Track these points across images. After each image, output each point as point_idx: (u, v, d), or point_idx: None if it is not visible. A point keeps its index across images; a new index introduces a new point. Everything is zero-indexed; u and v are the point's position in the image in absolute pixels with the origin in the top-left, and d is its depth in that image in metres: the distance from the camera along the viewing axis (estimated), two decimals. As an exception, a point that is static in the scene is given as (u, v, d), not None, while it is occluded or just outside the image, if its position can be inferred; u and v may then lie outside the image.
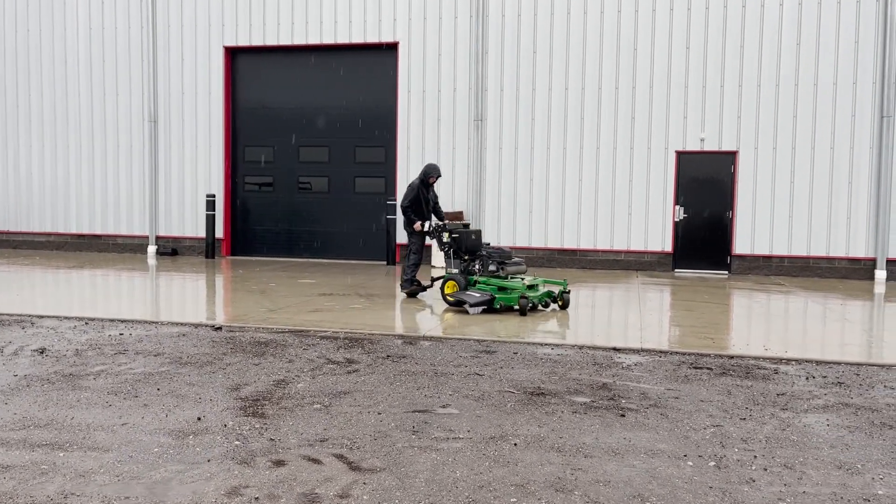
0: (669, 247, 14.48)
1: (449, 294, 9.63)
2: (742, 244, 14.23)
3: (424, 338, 7.58)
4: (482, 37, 14.98)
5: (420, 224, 10.36)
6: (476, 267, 9.82)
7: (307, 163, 16.38)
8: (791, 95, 13.88)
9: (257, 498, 3.60)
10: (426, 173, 10.47)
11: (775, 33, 13.89)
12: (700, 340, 7.64)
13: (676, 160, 14.40)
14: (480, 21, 14.96)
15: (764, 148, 14.03)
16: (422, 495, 3.65)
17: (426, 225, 10.38)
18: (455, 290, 9.62)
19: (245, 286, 11.59)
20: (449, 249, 10.07)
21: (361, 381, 5.79)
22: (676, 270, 14.52)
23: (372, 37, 15.52)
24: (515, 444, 4.40)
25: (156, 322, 8.23)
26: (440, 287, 9.90)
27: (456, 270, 9.99)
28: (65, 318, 8.36)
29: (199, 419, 4.79)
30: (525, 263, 10.09)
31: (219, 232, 16.40)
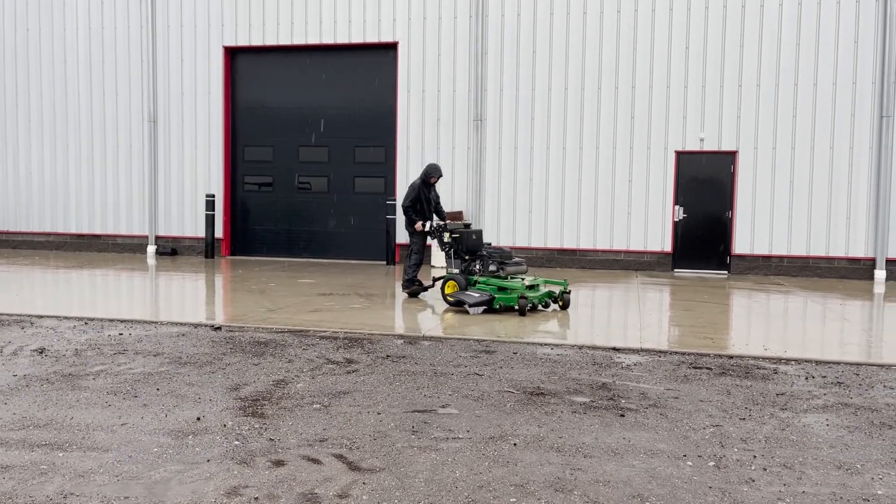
0: (669, 247, 14.49)
1: (449, 294, 9.63)
2: (741, 244, 14.24)
3: (424, 338, 7.58)
4: (482, 37, 14.98)
5: (421, 224, 10.36)
6: (476, 267, 9.82)
7: (307, 163, 16.38)
8: (790, 95, 13.88)
9: (257, 498, 3.60)
10: (427, 173, 10.47)
11: (775, 33, 13.90)
12: (699, 340, 7.65)
13: (676, 160, 14.40)
14: (480, 21, 14.96)
15: (763, 148, 14.04)
16: (421, 495, 3.65)
17: (427, 225, 10.38)
18: (455, 290, 9.61)
19: (244, 286, 11.59)
20: (449, 249, 10.06)
21: (361, 381, 5.79)
22: (676, 270, 14.52)
23: (371, 37, 15.52)
24: (515, 444, 4.40)
25: (155, 322, 8.23)
26: (440, 287, 9.90)
27: (456, 270, 9.98)
28: (64, 318, 8.36)
29: (199, 419, 4.79)
30: (525, 263, 10.09)
31: (218, 232, 16.40)
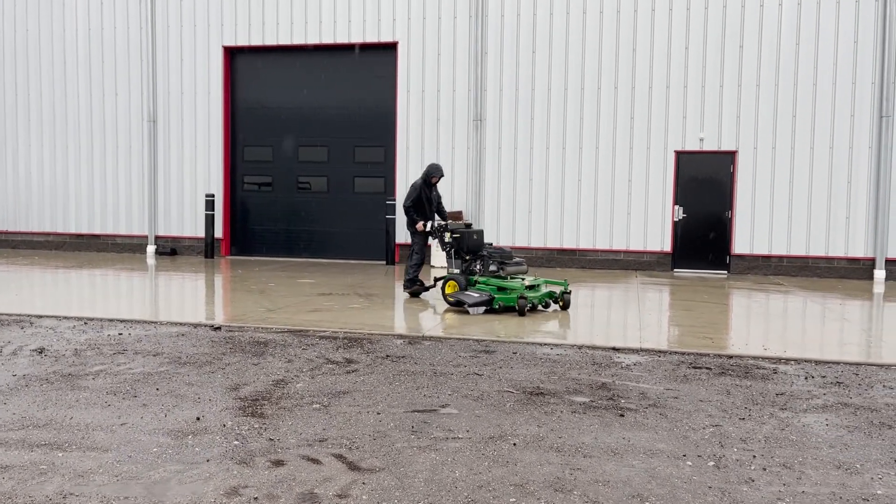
0: (668, 246, 14.49)
1: (449, 294, 9.63)
2: (741, 244, 14.24)
3: (424, 337, 7.58)
4: (481, 37, 14.98)
5: (422, 224, 10.36)
6: (477, 267, 9.82)
7: (306, 162, 16.38)
8: (790, 95, 13.88)
9: (256, 498, 3.59)
10: (428, 173, 10.47)
11: (774, 33, 13.90)
12: (699, 340, 7.65)
13: (676, 160, 14.40)
14: (480, 21, 14.96)
15: (763, 148, 14.04)
16: (421, 495, 3.65)
17: (428, 225, 10.38)
18: (455, 290, 9.61)
19: (244, 286, 11.59)
20: (450, 249, 10.06)
21: (360, 381, 5.79)
22: (675, 270, 14.52)
23: (371, 37, 15.52)
24: (514, 444, 4.40)
25: (155, 322, 8.23)
26: (441, 287, 9.90)
27: (457, 270, 9.98)
28: (64, 318, 8.36)
29: (198, 419, 4.79)
30: (526, 263, 10.08)
31: (218, 232, 16.40)
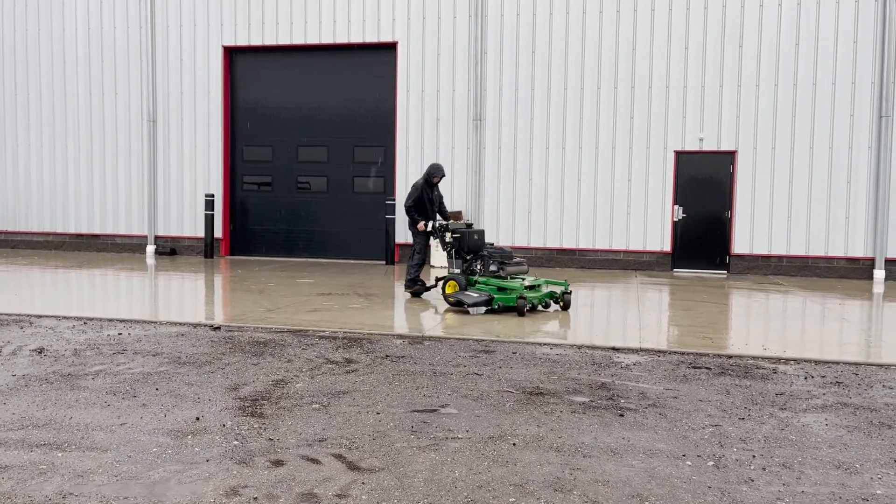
0: (668, 246, 14.49)
1: (449, 294, 9.63)
2: (741, 244, 14.24)
3: (423, 337, 7.57)
4: (481, 37, 14.98)
5: (424, 224, 10.36)
6: (477, 267, 9.82)
7: (306, 162, 16.37)
8: (790, 95, 13.88)
9: (256, 498, 3.59)
10: (430, 173, 10.47)
11: (774, 33, 13.90)
12: (699, 340, 7.65)
13: (675, 160, 14.40)
14: (479, 21, 14.96)
15: (763, 148, 14.04)
16: (420, 495, 3.65)
17: (429, 224, 10.38)
18: (455, 290, 9.61)
19: (244, 286, 11.59)
20: (451, 249, 10.07)
21: (360, 381, 5.78)
22: (675, 270, 14.52)
23: (371, 37, 15.52)
24: (514, 444, 4.40)
25: (154, 322, 8.22)
26: (441, 287, 9.90)
27: (458, 270, 9.99)
28: (63, 318, 8.36)
29: (198, 419, 4.79)
30: (527, 264, 10.08)
31: (217, 232, 16.39)
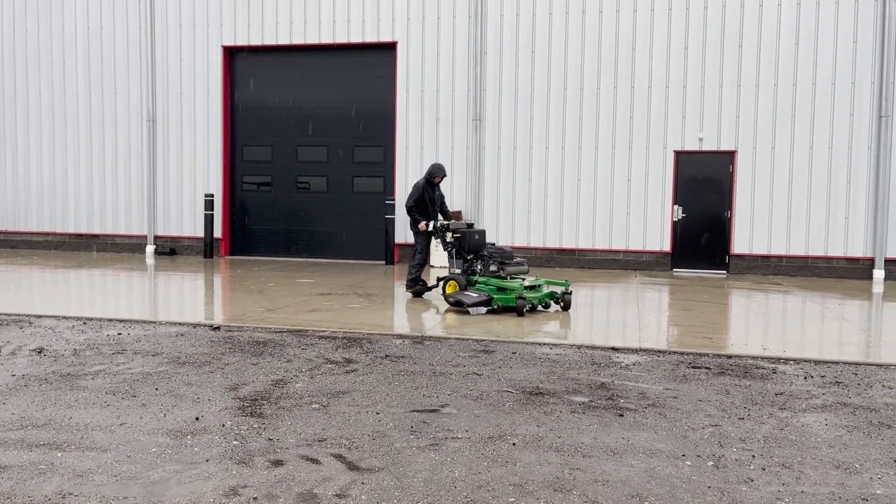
0: (668, 246, 14.49)
1: (449, 294, 9.63)
2: (740, 244, 14.24)
3: (423, 337, 7.57)
4: (481, 37, 14.98)
5: (425, 224, 10.37)
6: (478, 267, 9.82)
7: (306, 162, 16.37)
8: (789, 95, 13.88)
9: (256, 498, 3.59)
10: (431, 173, 10.47)
11: (774, 33, 13.90)
12: (698, 340, 7.65)
13: (675, 160, 14.40)
14: (479, 21, 14.96)
15: (762, 148, 14.04)
16: (420, 495, 3.65)
17: (431, 224, 10.38)
18: (455, 290, 9.61)
19: (243, 286, 11.59)
20: (452, 249, 10.07)
21: (360, 381, 5.78)
22: (675, 270, 14.52)
23: (370, 36, 15.52)
24: (514, 444, 4.40)
25: (154, 322, 8.22)
26: (442, 287, 9.90)
27: (458, 270, 9.99)
28: (63, 318, 8.35)
29: (198, 419, 4.79)
30: (527, 264, 10.08)
31: (217, 231, 16.39)
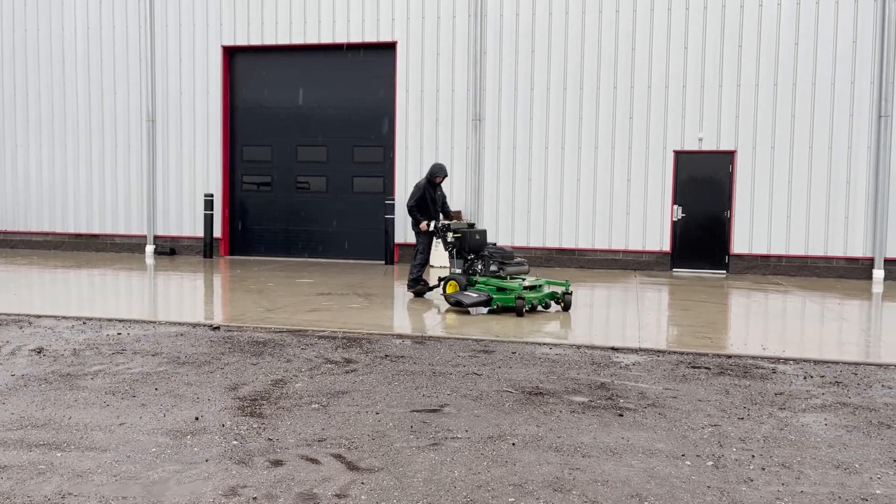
0: (667, 246, 14.49)
1: (449, 294, 9.63)
2: (740, 244, 14.24)
3: (423, 337, 7.57)
4: (480, 37, 14.98)
5: (426, 224, 10.37)
6: (478, 267, 9.82)
7: (305, 162, 16.37)
8: (789, 95, 13.88)
9: (255, 498, 3.59)
10: (433, 173, 10.48)
11: (773, 33, 13.90)
12: (698, 340, 7.65)
13: (675, 160, 14.40)
14: (479, 21, 14.96)
15: (762, 147, 14.04)
16: (420, 495, 3.65)
17: (432, 224, 10.39)
18: (456, 290, 9.61)
19: (243, 286, 11.58)
20: (452, 249, 10.08)
21: (360, 381, 5.78)
22: (674, 270, 14.52)
23: (370, 36, 15.52)
24: (513, 444, 4.40)
25: (154, 322, 8.22)
26: (442, 287, 9.90)
27: (459, 270, 9.99)
28: (62, 318, 8.35)
29: (197, 419, 4.79)
30: (528, 264, 10.07)
31: (217, 231, 16.39)
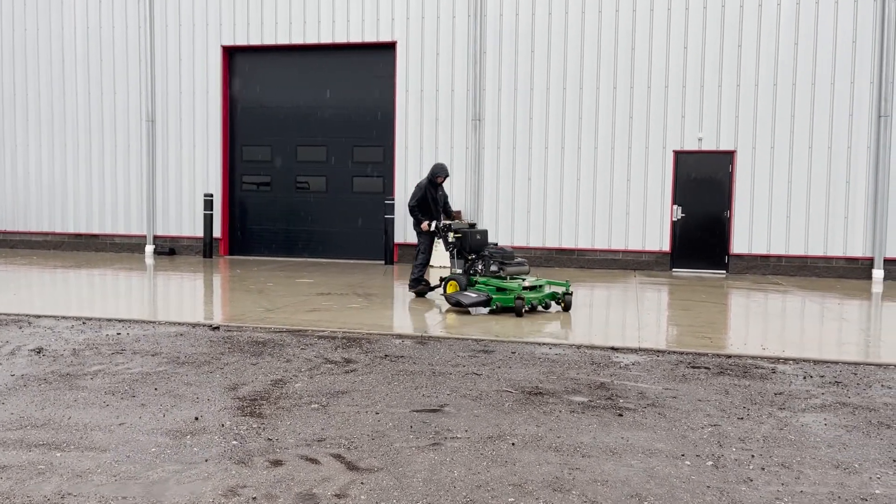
0: (667, 246, 14.49)
1: (449, 294, 9.62)
2: (740, 244, 14.24)
3: (422, 337, 7.57)
4: (480, 36, 14.97)
5: (428, 224, 10.37)
6: (479, 267, 9.82)
7: (305, 162, 16.37)
8: (789, 95, 13.89)
9: (255, 498, 3.59)
10: (434, 173, 10.48)
11: (773, 33, 13.90)
12: (698, 340, 7.65)
13: (674, 159, 14.41)
14: (478, 21, 14.95)
15: (761, 147, 14.04)
16: (419, 495, 3.65)
17: (433, 224, 10.39)
18: (456, 290, 9.61)
19: (243, 286, 11.58)
20: (453, 249, 10.08)
21: (359, 381, 5.78)
22: (674, 270, 14.52)
23: (370, 36, 15.52)
24: (513, 444, 4.40)
25: (153, 322, 8.22)
26: (443, 287, 9.90)
27: (459, 270, 9.99)
28: (62, 318, 8.35)
29: (197, 419, 4.78)
30: (528, 264, 10.07)
31: (216, 231, 16.39)
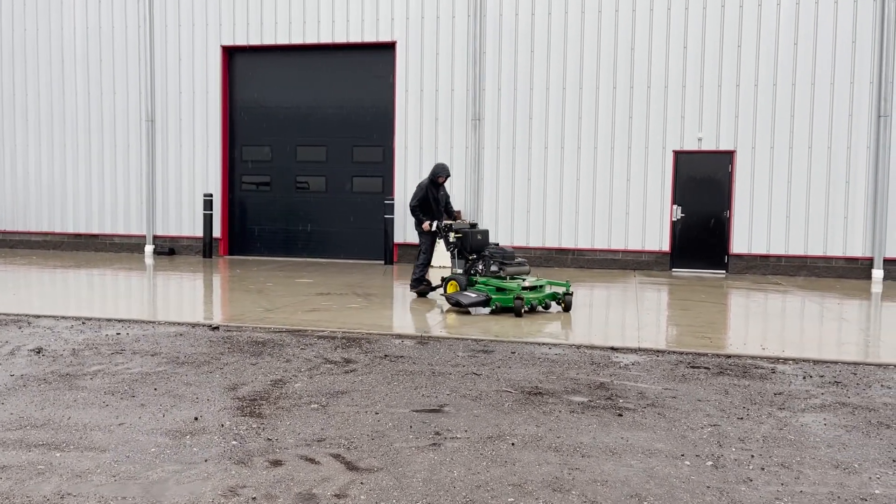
0: (667, 246, 14.49)
1: (449, 294, 9.62)
2: (739, 244, 14.24)
3: (422, 337, 7.57)
4: (480, 36, 14.97)
5: (429, 224, 10.37)
6: (479, 267, 9.82)
7: (305, 162, 16.37)
8: (788, 95, 13.89)
9: (254, 498, 3.59)
10: (435, 173, 10.49)
11: (773, 33, 13.90)
12: (697, 340, 7.65)
13: (674, 159, 14.41)
14: (478, 21, 14.95)
15: (761, 147, 14.04)
16: (419, 495, 3.65)
17: (434, 224, 10.39)
18: (456, 291, 9.61)
19: (242, 286, 11.58)
20: (454, 249, 10.09)
21: (359, 381, 5.78)
22: (674, 270, 14.52)
23: (370, 36, 15.51)
24: (513, 444, 4.40)
25: (153, 322, 8.22)
26: (443, 287, 9.90)
27: (460, 270, 10.00)
28: (62, 318, 8.35)
29: (196, 419, 4.78)
30: (528, 264, 10.07)
31: (216, 231, 16.39)
